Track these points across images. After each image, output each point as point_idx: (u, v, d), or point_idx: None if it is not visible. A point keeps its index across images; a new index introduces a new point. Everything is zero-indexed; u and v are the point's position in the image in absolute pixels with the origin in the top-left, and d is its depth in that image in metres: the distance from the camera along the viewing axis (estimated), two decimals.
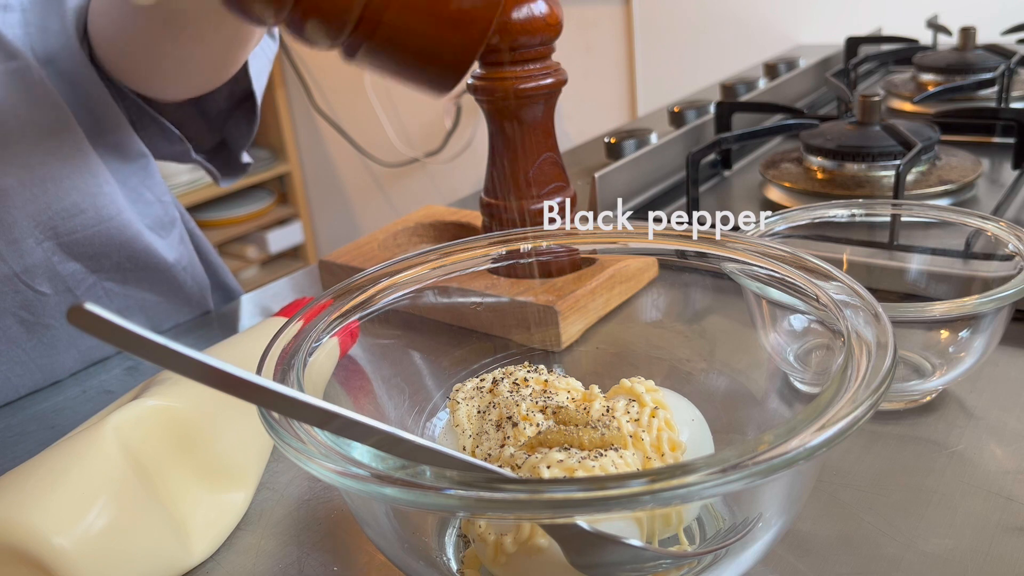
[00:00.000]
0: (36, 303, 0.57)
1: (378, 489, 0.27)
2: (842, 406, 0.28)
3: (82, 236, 0.58)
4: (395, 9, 0.35)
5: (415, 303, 0.41)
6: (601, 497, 0.25)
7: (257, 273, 2.43)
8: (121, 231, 0.60)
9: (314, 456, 0.28)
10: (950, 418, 0.45)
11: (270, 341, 0.35)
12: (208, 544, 0.39)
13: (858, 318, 0.33)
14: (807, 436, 0.26)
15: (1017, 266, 0.44)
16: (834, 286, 0.35)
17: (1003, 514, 0.38)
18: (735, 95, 1.04)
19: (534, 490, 0.26)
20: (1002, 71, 0.90)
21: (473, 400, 0.39)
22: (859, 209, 0.51)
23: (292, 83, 2.32)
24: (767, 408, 0.41)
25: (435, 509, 0.32)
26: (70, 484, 0.36)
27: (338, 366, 0.46)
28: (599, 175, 0.71)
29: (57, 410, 0.55)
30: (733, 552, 0.33)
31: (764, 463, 0.26)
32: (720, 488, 0.25)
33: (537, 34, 0.51)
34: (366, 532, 0.34)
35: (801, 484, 0.33)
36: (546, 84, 0.53)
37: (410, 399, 0.43)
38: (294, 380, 0.33)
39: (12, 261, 0.55)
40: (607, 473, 0.32)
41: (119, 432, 0.38)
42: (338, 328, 0.38)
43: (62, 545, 0.34)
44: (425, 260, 0.42)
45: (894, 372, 0.30)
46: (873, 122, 0.74)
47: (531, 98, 0.53)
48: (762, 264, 0.39)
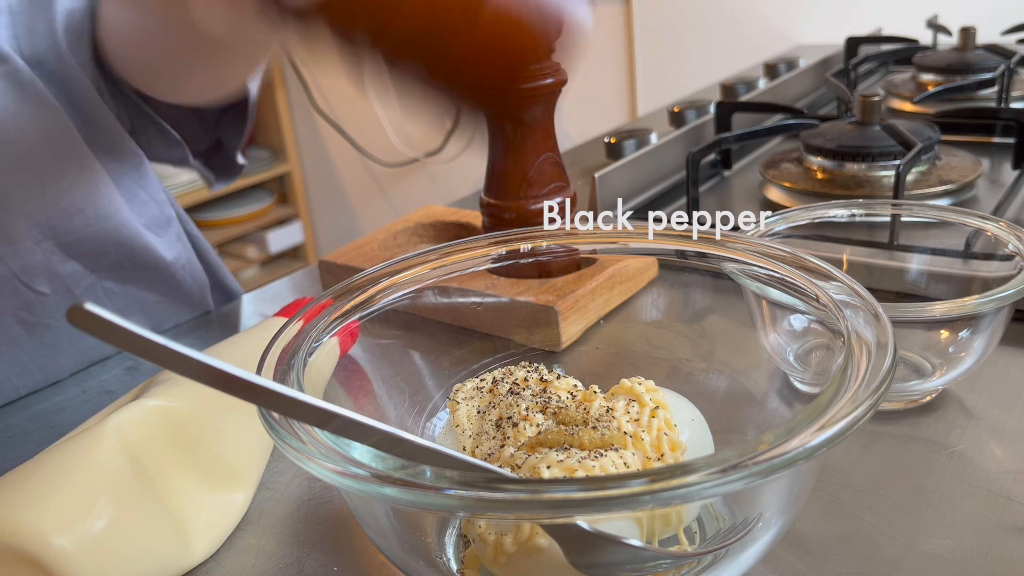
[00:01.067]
0: (36, 303, 0.57)
1: (378, 489, 0.27)
2: (842, 406, 0.28)
3: (80, 236, 0.58)
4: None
5: (415, 303, 0.41)
6: (601, 497, 0.25)
7: (257, 273, 2.43)
8: (119, 230, 0.60)
9: (314, 456, 0.28)
10: (950, 418, 0.45)
11: (270, 341, 0.35)
12: (208, 544, 0.39)
13: (858, 318, 0.33)
14: (807, 436, 0.26)
15: (1017, 266, 0.44)
16: (834, 286, 0.35)
17: (1003, 514, 0.38)
18: (735, 95, 1.04)
19: (534, 490, 0.26)
20: (1002, 71, 0.90)
21: (473, 400, 0.39)
22: (859, 209, 0.51)
23: (292, 83, 2.32)
24: (767, 408, 0.41)
25: (435, 509, 0.32)
26: (70, 484, 0.36)
27: (338, 366, 0.46)
28: (599, 175, 0.71)
29: (57, 410, 0.55)
30: (733, 552, 0.33)
31: (764, 463, 0.26)
32: (720, 488, 0.25)
33: None
34: (366, 532, 0.34)
35: (801, 484, 0.33)
36: (546, 84, 0.53)
37: (410, 399, 0.43)
38: (294, 380, 0.33)
39: (11, 262, 0.55)
40: (607, 473, 0.32)
41: (120, 432, 0.38)
42: (338, 328, 0.38)
43: (62, 545, 0.34)
44: (425, 260, 0.42)
45: (894, 372, 0.30)
46: (873, 122, 0.74)
47: (531, 98, 0.53)
48: (762, 264, 0.39)
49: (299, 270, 0.75)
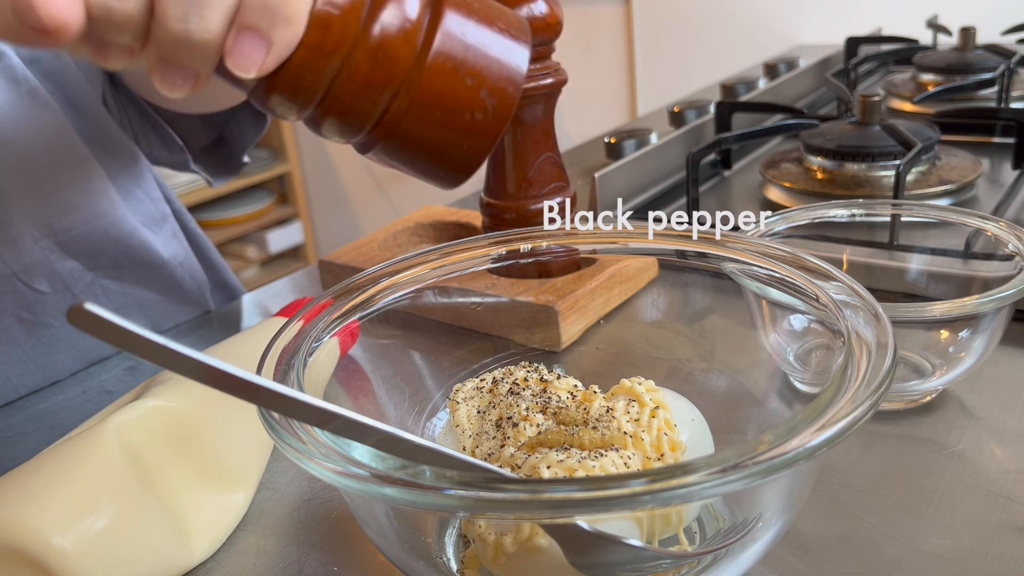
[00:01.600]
0: (35, 302, 0.57)
1: (378, 489, 0.27)
2: (842, 406, 0.28)
3: (78, 233, 0.58)
4: (412, 118, 0.36)
5: (415, 303, 0.41)
6: (601, 497, 0.25)
7: (257, 273, 2.43)
8: (116, 227, 0.60)
9: (314, 456, 0.28)
10: (950, 418, 0.45)
11: (270, 341, 0.35)
12: (208, 544, 0.39)
13: (858, 318, 0.33)
14: (807, 436, 0.26)
15: (1017, 266, 0.44)
16: (834, 286, 0.35)
17: (1003, 514, 0.38)
18: (735, 95, 1.04)
19: (534, 490, 0.26)
20: (1002, 71, 0.90)
21: (473, 400, 0.39)
22: (859, 209, 0.51)
23: None
24: (767, 408, 0.41)
25: (435, 509, 0.32)
26: (71, 484, 0.36)
27: (338, 366, 0.46)
28: (599, 175, 0.71)
29: (57, 410, 0.55)
30: (733, 552, 0.33)
31: (764, 463, 0.26)
32: (720, 488, 0.25)
33: (537, 34, 0.51)
34: (366, 532, 0.34)
35: (801, 484, 0.33)
36: (546, 84, 0.53)
37: (410, 399, 0.43)
38: (294, 380, 0.33)
39: (11, 260, 0.55)
40: (607, 473, 0.32)
41: (120, 432, 0.38)
42: (338, 328, 0.38)
43: (62, 545, 0.34)
44: (425, 260, 0.42)
45: (894, 372, 0.30)
46: (873, 122, 0.74)
47: (531, 98, 0.53)
48: (762, 264, 0.39)
49: (299, 270, 0.75)
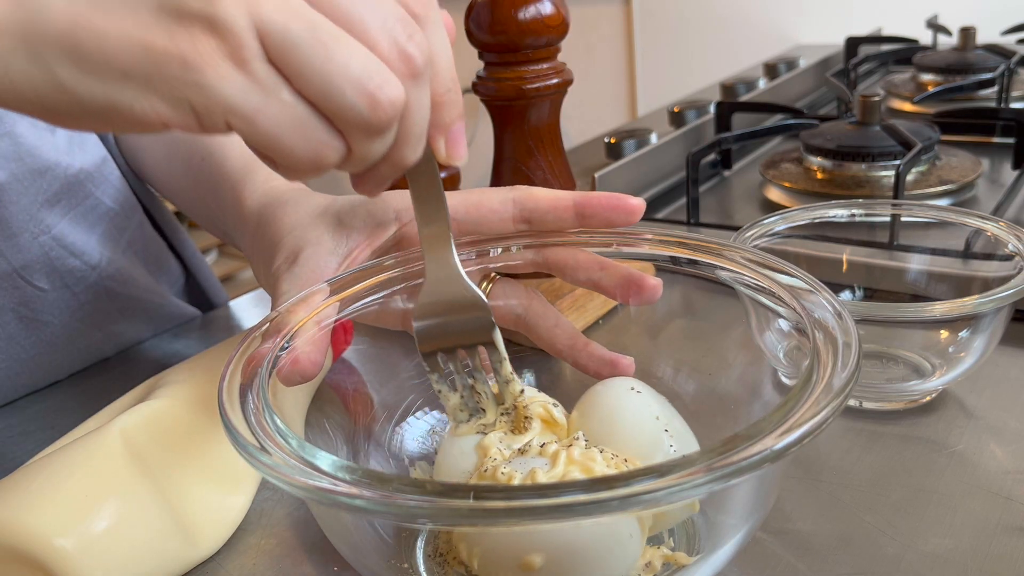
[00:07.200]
0: (34, 299, 0.57)
1: (348, 500, 0.26)
2: (806, 409, 0.28)
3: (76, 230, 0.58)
4: None
5: None
6: (545, 506, 0.24)
7: None
8: None
9: (281, 469, 0.27)
10: (950, 418, 0.45)
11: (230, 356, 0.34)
12: (209, 545, 0.39)
13: (825, 317, 0.33)
14: (770, 440, 0.26)
15: (1017, 266, 0.44)
16: (797, 283, 0.35)
17: (1003, 514, 0.38)
18: (735, 95, 1.04)
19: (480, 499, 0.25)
20: (1002, 71, 0.90)
21: None
22: (859, 209, 0.51)
23: None
24: (767, 407, 0.41)
25: (403, 520, 0.31)
26: (72, 485, 0.36)
27: (332, 368, 0.46)
28: (599, 175, 0.71)
29: (57, 410, 0.55)
30: (705, 553, 0.33)
31: (725, 468, 0.25)
32: (680, 494, 0.25)
33: (543, 34, 0.51)
34: (334, 543, 0.34)
35: (767, 487, 0.32)
36: (552, 84, 0.53)
37: (409, 400, 0.43)
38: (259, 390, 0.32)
39: (11, 257, 0.55)
40: None
41: (121, 433, 0.39)
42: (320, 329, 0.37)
43: (63, 546, 0.34)
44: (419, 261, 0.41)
45: (858, 374, 0.29)
46: (873, 122, 0.74)
47: (538, 98, 0.53)
48: (729, 267, 0.39)
49: None
